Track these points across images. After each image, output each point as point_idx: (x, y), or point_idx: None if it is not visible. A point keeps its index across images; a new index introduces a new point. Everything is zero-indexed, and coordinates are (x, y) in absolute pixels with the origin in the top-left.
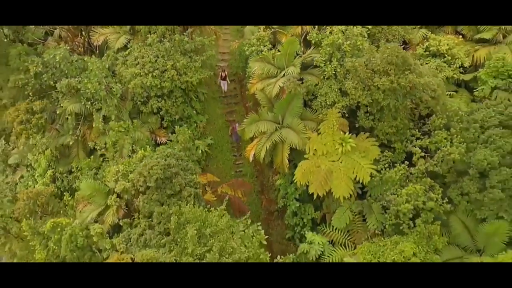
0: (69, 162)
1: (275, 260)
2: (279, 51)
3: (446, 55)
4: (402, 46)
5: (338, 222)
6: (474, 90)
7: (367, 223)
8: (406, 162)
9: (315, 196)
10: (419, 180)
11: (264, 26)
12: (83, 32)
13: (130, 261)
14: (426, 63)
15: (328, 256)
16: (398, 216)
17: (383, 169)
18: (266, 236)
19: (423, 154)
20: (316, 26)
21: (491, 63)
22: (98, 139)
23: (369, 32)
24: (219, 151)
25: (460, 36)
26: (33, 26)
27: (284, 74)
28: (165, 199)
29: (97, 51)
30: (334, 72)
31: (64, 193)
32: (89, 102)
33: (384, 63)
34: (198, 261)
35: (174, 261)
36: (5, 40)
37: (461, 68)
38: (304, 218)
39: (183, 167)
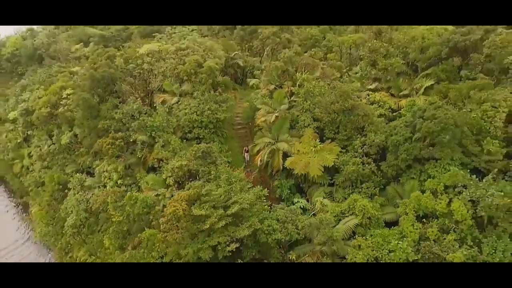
0: (134, 177)
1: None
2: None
3: (379, 102)
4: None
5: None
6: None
7: (335, 197)
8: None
9: (297, 174)
10: (359, 158)
11: (265, 90)
12: (147, 98)
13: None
14: None
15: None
16: (353, 186)
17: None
18: None
19: (361, 145)
20: (297, 85)
21: (407, 104)
22: (158, 155)
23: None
24: (235, 167)
25: (389, 93)
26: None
27: (277, 111)
28: (206, 164)
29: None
30: (308, 108)
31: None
32: (154, 132)
33: (337, 96)
34: (228, 194)
35: (212, 188)
36: (96, 102)
37: (391, 109)
38: (294, 202)
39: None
